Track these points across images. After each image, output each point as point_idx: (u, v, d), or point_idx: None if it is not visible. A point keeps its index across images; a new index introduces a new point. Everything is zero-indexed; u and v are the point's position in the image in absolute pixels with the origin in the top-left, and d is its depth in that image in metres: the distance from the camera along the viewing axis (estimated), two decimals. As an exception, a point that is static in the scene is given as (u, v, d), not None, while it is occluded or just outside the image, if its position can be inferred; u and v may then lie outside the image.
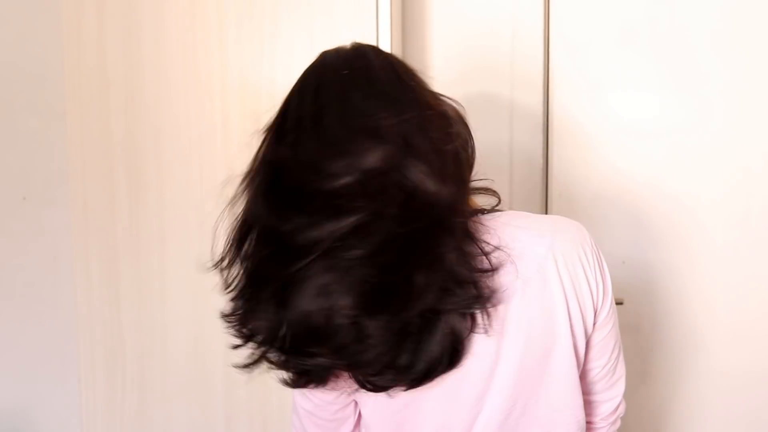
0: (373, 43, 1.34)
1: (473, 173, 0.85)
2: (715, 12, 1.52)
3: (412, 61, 0.84)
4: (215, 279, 0.79)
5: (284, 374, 0.81)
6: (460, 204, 0.76)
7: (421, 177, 0.71)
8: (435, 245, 0.72)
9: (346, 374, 0.80)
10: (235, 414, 1.49)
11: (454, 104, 0.84)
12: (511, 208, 0.89)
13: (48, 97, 1.65)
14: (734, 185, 1.55)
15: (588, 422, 0.94)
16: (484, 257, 0.76)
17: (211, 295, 1.43)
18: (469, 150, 0.83)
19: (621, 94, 1.57)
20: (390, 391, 0.79)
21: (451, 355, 0.76)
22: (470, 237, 0.77)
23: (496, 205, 0.87)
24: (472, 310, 0.75)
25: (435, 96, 0.82)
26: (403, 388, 0.78)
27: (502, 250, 0.78)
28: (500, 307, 0.79)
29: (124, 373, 1.52)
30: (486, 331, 0.77)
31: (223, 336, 0.78)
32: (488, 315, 0.77)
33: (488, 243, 0.77)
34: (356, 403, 0.90)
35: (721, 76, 1.53)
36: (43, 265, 1.70)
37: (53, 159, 1.66)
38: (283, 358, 0.77)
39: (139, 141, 1.46)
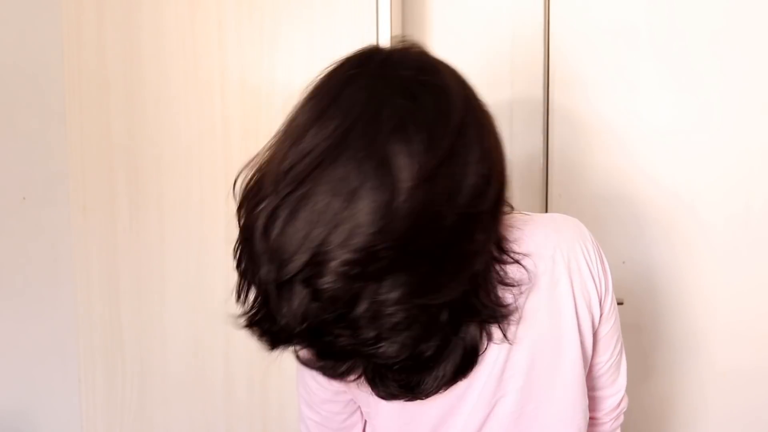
0: (372, 43, 1.35)
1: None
2: (715, 12, 1.52)
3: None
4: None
5: (301, 352, 0.76)
6: (501, 201, 0.74)
7: (472, 167, 0.69)
8: (470, 240, 0.69)
9: (356, 381, 0.77)
10: (235, 414, 1.49)
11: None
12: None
13: (48, 97, 1.64)
14: (734, 185, 1.55)
15: (592, 417, 0.95)
16: (509, 267, 0.76)
17: (211, 295, 1.43)
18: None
19: (621, 94, 1.57)
20: (397, 401, 0.78)
21: (466, 363, 0.75)
22: (502, 242, 0.76)
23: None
24: (496, 322, 0.74)
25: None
26: (414, 397, 0.76)
27: (525, 261, 0.76)
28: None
29: (124, 373, 1.52)
30: (510, 342, 0.77)
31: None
32: (507, 326, 0.76)
33: (516, 252, 0.76)
34: (361, 411, 0.90)
35: (722, 76, 1.53)
36: (43, 265, 1.70)
37: (53, 159, 1.66)
38: (305, 340, 0.72)
39: (139, 141, 1.46)
